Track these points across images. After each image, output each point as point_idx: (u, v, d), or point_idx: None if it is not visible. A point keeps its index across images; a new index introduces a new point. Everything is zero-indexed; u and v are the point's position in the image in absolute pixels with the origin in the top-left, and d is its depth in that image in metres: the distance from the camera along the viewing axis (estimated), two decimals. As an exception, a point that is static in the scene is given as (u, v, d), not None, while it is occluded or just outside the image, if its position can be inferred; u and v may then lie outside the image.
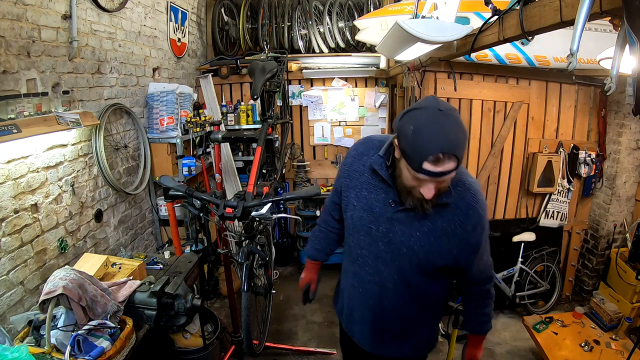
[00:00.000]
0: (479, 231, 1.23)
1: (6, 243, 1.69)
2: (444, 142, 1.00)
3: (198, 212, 1.81)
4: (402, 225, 1.22)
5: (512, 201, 3.32)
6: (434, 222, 1.19)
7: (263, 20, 4.24)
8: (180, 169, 3.06)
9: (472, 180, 1.24)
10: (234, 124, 4.03)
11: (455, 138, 1.02)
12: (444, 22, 1.86)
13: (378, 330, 1.43)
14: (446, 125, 1.02)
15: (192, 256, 2.37)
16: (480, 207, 1.21)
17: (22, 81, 1.79)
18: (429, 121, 1.02)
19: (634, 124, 3.06)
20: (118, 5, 2.56)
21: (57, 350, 1.42)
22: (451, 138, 1.01)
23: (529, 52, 2.62)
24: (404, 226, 1.22)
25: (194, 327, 2.42)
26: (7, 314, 1.68)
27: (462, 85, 3.00)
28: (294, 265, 4.26)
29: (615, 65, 1.04)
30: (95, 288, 1.56)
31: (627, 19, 0.89)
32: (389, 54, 2.68)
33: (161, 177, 1.74)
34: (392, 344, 1.44)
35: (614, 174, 3.18)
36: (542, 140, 3.20)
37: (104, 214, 2.47)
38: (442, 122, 1.02)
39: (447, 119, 1.03)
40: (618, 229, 3.22)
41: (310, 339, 3.05)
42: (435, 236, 1.20)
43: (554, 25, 1.22)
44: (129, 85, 2.77)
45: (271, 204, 1.61)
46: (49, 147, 1.97)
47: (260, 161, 2.27)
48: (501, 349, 2.93)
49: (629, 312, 2.70)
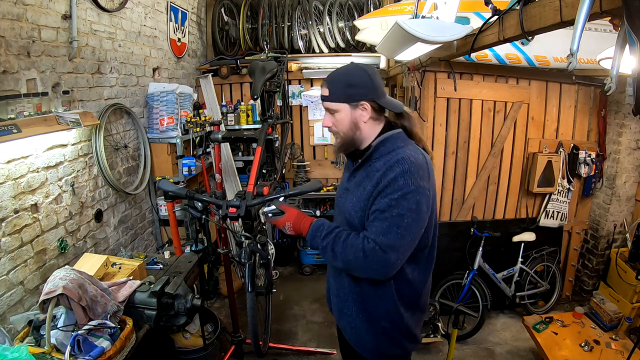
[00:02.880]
0: (389, 190, 1.19)
1: (6, 243, 1.69)
2: (328, 76, 1.31)
3: (200, 215, 1.80)
4: (349, 193, 1.37)
5: (512, 201, 3.32)
6: (365, 187, 1.29)
7: (263, 20, 4.25)
8: (180, 169, 3.05)
9: (410, 154, 1.24)
10: (234, 124, 4.03)
11: (336, 75, 1.31)
12: (444, 22, 1.87)
13: (338, 307, 1.48)
14: (341, 69, 1.32)
15: (192, 256, 2.37)
16: (402, 170, 1.19)
17: (22, 81, 1.79)
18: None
19: (634, 124, 3.06)
20: (118, 5, 2.56)
21: (57, 350, 1.42)
22: (333, 74, 1.31)
23: (529, 52, 2.62)
24: (349, 194, 1.36)
25: (194, 327, 2.42)
26: (7, 314, 1.68)
27: (462, 85, 3.00)
28: (294, 265, 4.26)
29: (615, 65, 1.04)
30: (95, 288, 1.55)
31: (627, 19, 0.89)
32: (389, 54, 2.68)
33: (160, 181, 1.73)
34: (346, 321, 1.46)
35: (614, 174, 3.18)
36: (542, 140, 3.21)
37: (104, 214, 2.47)
38: (343, 68, 1.32)
39: (348, 67, 1.32)
40: (618, 229, 3.22)
41: (310, 339, 3.05)
42: (362, 198, 1.29)
43: (554, 25, 1.22)
44: (129, 85, 2.77)
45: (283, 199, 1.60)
46: (49, 147, 1.97)
47: (260, 161, 2.27)
48: (501, 349, 2.93)
49: (629, 312, 2.70)
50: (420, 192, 1.20)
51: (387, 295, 1.33)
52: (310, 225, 1.32)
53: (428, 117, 3.02)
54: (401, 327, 1.37)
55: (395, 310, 1.34)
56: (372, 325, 1.38)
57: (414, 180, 1.19)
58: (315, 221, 1.34)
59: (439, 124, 3.07)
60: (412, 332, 1.41)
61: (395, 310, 1.34)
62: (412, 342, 1.44)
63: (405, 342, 1.41)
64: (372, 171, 1.27)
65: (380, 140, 1.30)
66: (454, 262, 3.21)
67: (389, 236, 1.18)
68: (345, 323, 1.46)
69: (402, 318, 1.36)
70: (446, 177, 3.18)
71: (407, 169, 1.19)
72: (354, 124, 1.30)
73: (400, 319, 1.36)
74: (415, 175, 1.19)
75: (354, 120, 1.29)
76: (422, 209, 1.21)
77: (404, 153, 1.24)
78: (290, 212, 1.37)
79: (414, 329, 1.42)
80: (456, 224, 3.24)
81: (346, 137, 1.32)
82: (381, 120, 1.34)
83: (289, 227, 1.36)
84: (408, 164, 1.20)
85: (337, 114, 1.29)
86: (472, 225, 3.08)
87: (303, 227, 1.33)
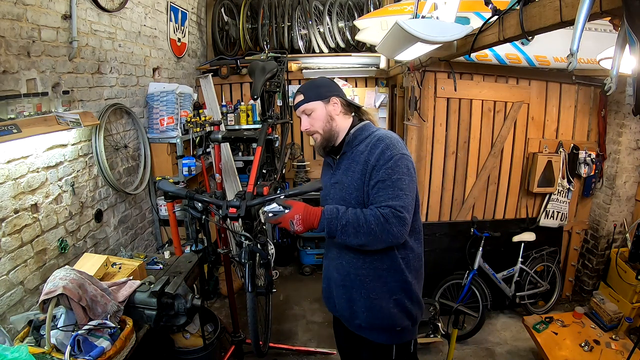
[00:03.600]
0: (381, 162, 1.35)
1: (6, 243, 1.69)
2: (299, 87, 1.55)
3: (200, 215, 1.80)
4: (337, 185, 1.49)
5: (512, 201, 3.32)
6: (354, 172, 1.44)
7: (263, 20, 4.25)
8: (180, 169, 3.05)
9: (387, 133, 1.44)
10: (234, 124, 4.03)
11: (306, 84, 1.54)
12: (444, 22, 1.86)
13: (346, 297, 1.53)
14: (313, 80, 1.56)
15: (192, 256, 2.37)
16: (385, 144, 1.38)
17: (22, 81, 1.79)
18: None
19: (634, 124, 3.06)
20: (118, 5, 2.56)
21: (57, 350, 1.42)
22: (304, 85, 1.54)
23: (529, 52, 2.62)
24: (337, 185, 1.49)
25: (194, 327, 2.41)
26: (7, 314, 1.68)
27: (462, 85, 3.00)
28: (294, 265, 4.27)
29: (615, 65, 1.04)
30: (95, 288, 1.55)
31: (627, 19, 0.89)
32: (389, 54, 2.68)
33: (159, 182, 1.72)
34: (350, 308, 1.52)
35: (614, 174, 3.18)
36: (542, 140, 3.21)
37: (104, 214, 2.47)
38: (310, 80, 1.57)
39: (314, 79, 1.58)
40: (618, 229, 3.22)
41: (310, 339, 3.05)
42: (354, 182, 1.43)
43: (554, 25, 1.22)
44: (129, 85, 2.77)
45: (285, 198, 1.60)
46: (49, 147, 1.97)
47: (260, 161, 2.27)
48: (501, 349, 2.93)
49: (629, 312, 2.70)
50: (406, 158, 1.38)
51: (395, 266, 1.44)
52: (323, 212, 1.35)
53: (428, 117, 3.02)
54: (411, 295, 1.48)
55: (405, 280, 1.45)
56: (385, 301, 1.45)
57: (397, 149, 1.37)
58: (325, 207, 1.37)
59: (439, 124, 3.07)
60: (419, 299, 1.52)
61: (404, 279, 1.45)
62: (420, 310, 1.54)
63: (415, 310, 1.51)
64: (357, 154, 1.44)
65: (357, 129, 1.50)
66: (454, 262, 3.21)
67: (398, 199, 1.31)
68: (355, 310, 1.50)
69: (411, 285, 1.47)
70: (446, 177, 3.18)
71: (389, 143, 1.38)
72: (329, 116, 1.49)
73: (409, 287, 1.47)
74: (397, 146, 1.38)
75: (329, 114, 1.48)
76: (412, 172, 1.39)
77: (380, 133, 1.44)
78: (297, 205, 1.36)
79: (420, 296, 1.53)
80: (456, 224, 3.24)
81: (324, 132, 1.49)
82: (350, 115, 1.53)
83: (297, 221, 1.33)
84: (388, 139, 1.40)
85: (313, 113, 1.49)
86: (472, 225, 3.08)
87: (315, 215, 1.34)
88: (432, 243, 3.23)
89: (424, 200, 3.19)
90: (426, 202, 3.21)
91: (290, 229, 1.36)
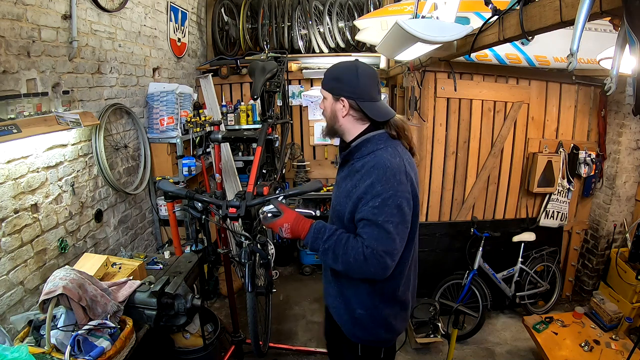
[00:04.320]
0: (368, 197, 1.25)
1: (6, 243, 1.69)
2: (331, 67, 1.41)
3: (200, 215, 1.80)
4: (337, 186, 1.48)
5: (512, 201, 3.32)
6: (346, 184, 1.38)
7: (263, 20, 4.25)
8: (180, 169, 3.05)
9: (387, 158, 1.28)
10: (234, 124, 4.03)
11: (334, 66, 1.40)
12: (444, 22, 1.87)
13: (326, 287, 1.58)
14: (341, 63, 1.40)
15: (192, 256, 2.37)
16: (377, 176, 1.25)
17: (22, 81, 1.79)
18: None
19: (634, 124, 3.06)
20: (118, 5, 2.56)
21: (57, 350, 1.42)
22: (332, 66, 1.41)
23: (529, 52, 2.62)
24: (337, 186, 1.48)
25: (194, 327, 2.41)
26: (7, 314, 1.68)
27: (462, 85, 3.00)
28: (294, 265, 4.26)
29: (615, 65, 1.04)
30: (95, 288, 1.55)
31: (627, 19, 0.89)
32: (389, 54, 2.68)
33: (160, 182, 1.72)
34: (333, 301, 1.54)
35: (614, 174, 3.18)
36: (542, 140, 3.21)
37: (104, 214, 2.47)
38: (344, 62, 1.40)
39: (347, 62, 1.38)
40: (618, 229, 3.22)
41: (310, 339, 3.05)
42: (342, 194, 1.39)
43: (554, 25, 1.22)
44: (129, 85, 2.77)
45: (283, 199, 1.60)
46: (49, 147, 1.97)
47: (260, 161, 2.27)
48: (501, 349, 2.93)
49: (629, 312, 2.70)
50: (399, 195, 1.24)
51: (361, 290, 1.40)
52: (310, 228, 1.32)
53: (428, 117, 3.02)
54: (377, 318, 1.42)
55: (372, 304, 1.40)
56: (349, 312, 1.45)
57: (391, 184, 1.24)
58: (315, 223, 1.33)
59: (439, 124, 3.07)
60: (389, 322, 1.44)
61: (371, 303, 1.40)
62: (389, 332, 1.47)
63: (381, 332, 1.45)
64: (353, 171, 1.36)
65: (361, 141, 1.36)
66: (454, 262, 3.21)
67: (382, 242, 1.23)
68: (329, 302, 1.57)
69: (378, 309, 1.41)
70: (446, 177, 3.19)
71: (383, 175, 1.24)
72: (334, 114, 1.39)
73: (376, 311, 1.41)
74: (391, 180, 1.24)
75: (334, 111, 1.39)
76: (405, 211, 1.26)
77: (380, 157, 1.29)
78: (289, 213, 1.36)
79: (392, 320, 1.44)
80: (456, 224, 3.24)
81: (328, 123, 1.44)
82: (365, 121, 1.38)
83: (286, 229, 1.34)
84: (383, 169, 1.25)
85: (325, 100, 1.41)
86: (472, 225, 3.08)
87: (303, 228, 1.33)
88: (432, 243, 3.24)
89: (424, 200, 3.19)
90: (426, 202, 3.21)
91: (279, 234, 1.37)
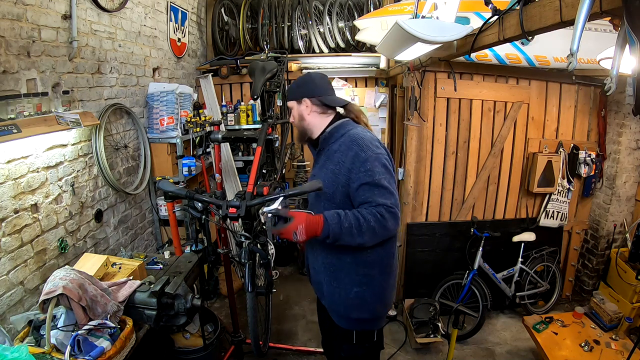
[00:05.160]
0: (357, 165, 1.43)
1: (6, 243, 1.69)
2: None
3: (200, 215, 1.80)
4: (316, 177, 1.60)
5: (512, 201, 3.32)
6: (328, 166, 1.54)
7: (263, 20, 4.24)
8: (180, 169, 3.05)
9: (360, 133, 1.52)
10: (234, 124, 4.03)
11: (293, 83, 1.68)
12: (444, 22, 1.86)
13: (316, 279, 1.69)
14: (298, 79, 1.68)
15: (192, 256, 2.37)
16: (359, 146, 1.45)
17: (22, 81, 1.79)
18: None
19: (634, 124, 3.06)
20: (118, 5, 2.56)
21: (57, 350, 1.42)
22: (293, 82, 1.69)
23: (529, 52, 2.62)
24: (317, 177, 1.59)
25: (194, 327, 2.41)
26: (7, 314, 1.68)
27: (462, 85, 3.00)
28: (294, 265, 4.26)
29: (615, 65, 1.04)
30: (95, 288, 1.55)
31: (627, 19, 0.89)
32: (389, 54, 2.68)
33: (160, 182, 1.72)
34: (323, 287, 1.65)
35: (614, 174, 3.18)
36: (542, 140, 3.21)
37: (104, 214, 2.47)
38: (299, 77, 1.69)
39: (302, 75, 1.70)
40: (618, 229, 3.22)
41: (310, 339, 3.05)
42: (328, 176, 1.53)
43: (554, 25, 1.22)
44: (129, 85, 2.77)
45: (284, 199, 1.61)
46: (49, 147, 1.97)
47: (260, 161, 2.27)
48: (501, 349, 2.93)
49: (629, 312, 2.70)
50: (380, 157, 1.45)
51: (360, 261, 1.51)
52: (325, 219, 1.39)
53: (428, 117, 3.02)
54: (374, 290, 1.54)
55: (369, 274, 1.53)
56: (345, 290, 1.55)
57: (372, 150, 1.45)
58: (325, 213, 1.41)
59: (439, 124, 3.07)
60: (384, 294, 1.58)
61: (368, 274, 1.53)
62: (384, 305, 1.60)
63: (378, 306, 1.58)
64: (331, 153, 1.55)
65: (333, 127, 1.59)
66: (454, 262, 3.21)
67: (386, 197, 1.40)
68: (323, 292, 1.66)
69: (374, 280, 1.54)
70: (446, 177, 3.19)
71: (362, 145, 1.46)
72: (300, 116, 1.63)
73: (373, 281, 1.54)
74: (370, 147, 1.46)
75: (300, 113, 1.63)
76: (390, 169, 1.47)
77: (354, 134, 1.51)
78: (299, 215, 1.38)
79: (386, 292, 1.59)
80: (456, 224, 3.24)
81: (298, 127, 1.67)
82: (329, 114, 1.62)
83: (300, 232, 1.36)
84: (361, 140, 1.47)
85: (292, 110, 1.65)
86: (472, 225, 3.08)
87: (317, 223, 1.38)
88: (432, 243, 3.24)
89: (424, 200, 3.19)
90: (426, 202, 3.21)
91: (292, 239, 1.38)
